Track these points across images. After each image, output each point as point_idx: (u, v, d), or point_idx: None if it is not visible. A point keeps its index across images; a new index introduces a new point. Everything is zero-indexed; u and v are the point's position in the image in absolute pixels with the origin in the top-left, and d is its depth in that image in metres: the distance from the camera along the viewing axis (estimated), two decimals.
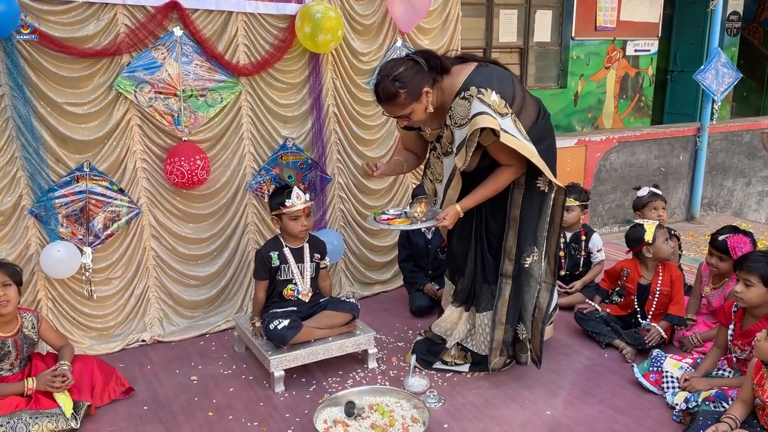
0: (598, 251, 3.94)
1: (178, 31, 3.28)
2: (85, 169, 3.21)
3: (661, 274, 3.36)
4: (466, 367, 3.12)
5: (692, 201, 6.10)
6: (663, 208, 3.84)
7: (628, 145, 5.54)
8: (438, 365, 3.15)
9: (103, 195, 3.26)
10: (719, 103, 5.85)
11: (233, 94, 3.51)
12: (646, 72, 7.25)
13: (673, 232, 3.78)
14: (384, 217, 2.98)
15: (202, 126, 3.45)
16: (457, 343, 3.14)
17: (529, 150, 2.67)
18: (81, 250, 3.22)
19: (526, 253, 2.89)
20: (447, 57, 2.78)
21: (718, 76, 5.68)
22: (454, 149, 2.74)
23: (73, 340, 3.22)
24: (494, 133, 2.60)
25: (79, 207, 3.22)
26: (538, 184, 2.83)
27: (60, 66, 3.05)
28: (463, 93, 2.65)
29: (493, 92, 2.63)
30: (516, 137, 2.63)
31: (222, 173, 3.59)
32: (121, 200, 3.32)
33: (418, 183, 4.10)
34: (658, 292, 3.34)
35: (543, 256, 2.90)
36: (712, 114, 5.99)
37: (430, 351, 3.17)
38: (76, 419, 2.61)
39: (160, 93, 3.30)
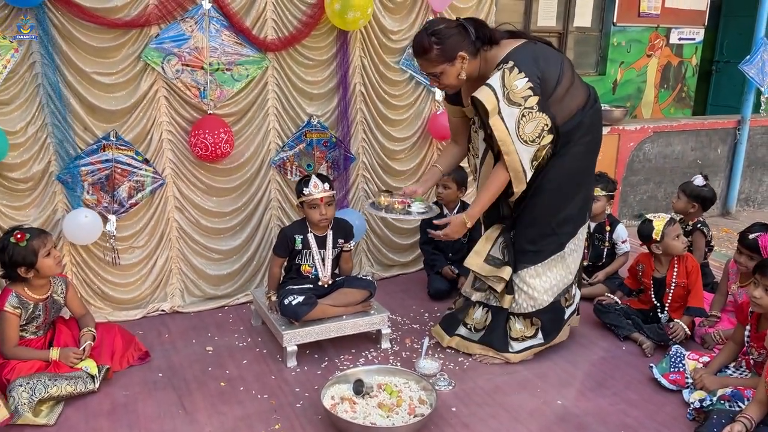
0: (623, 242, 3.82)
1: (206, 4, 3.28)
2: (112, 139, 3.25)
3: (676, 266, 3.26)
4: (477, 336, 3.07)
5: (729, 195, 5.90)
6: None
7: (664, 136, 5.36)
8: (461, 331, 3.11)
9: (128, 164, 3.31)
10: (766, 96, 5.64)
11: (260, 70, 3.51)
12: (690, 61, 7.02)
13: (699, 226, 3.67)
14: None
15: (227, 100, 3.46)
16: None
17: (511, 148, 2.60)
18: (105, 218, 3.29)
19: None
20: (498, 29, 2.76)
21: (765, 66, 5.46)
22: None
23: (94, 306, 3.30)
24: (477, 109, 2.58)
25: (104, 175, 3.27)
26: None
27: (89, 35, 3.09)
28: (501, 65, 2.62)
29: (523, 76, 2.58)
30: (508, 128, 2.59)
31: (246, 148, 3.60)
32: (146, 170, 3.36)
33: None
34: (674, 284, 3.24)
35: None
36: (759, 106, 5.76)
37: (454, 320, 3.15)
38: (94, 381, 2.68)
39: (187, 66, 3.31)
